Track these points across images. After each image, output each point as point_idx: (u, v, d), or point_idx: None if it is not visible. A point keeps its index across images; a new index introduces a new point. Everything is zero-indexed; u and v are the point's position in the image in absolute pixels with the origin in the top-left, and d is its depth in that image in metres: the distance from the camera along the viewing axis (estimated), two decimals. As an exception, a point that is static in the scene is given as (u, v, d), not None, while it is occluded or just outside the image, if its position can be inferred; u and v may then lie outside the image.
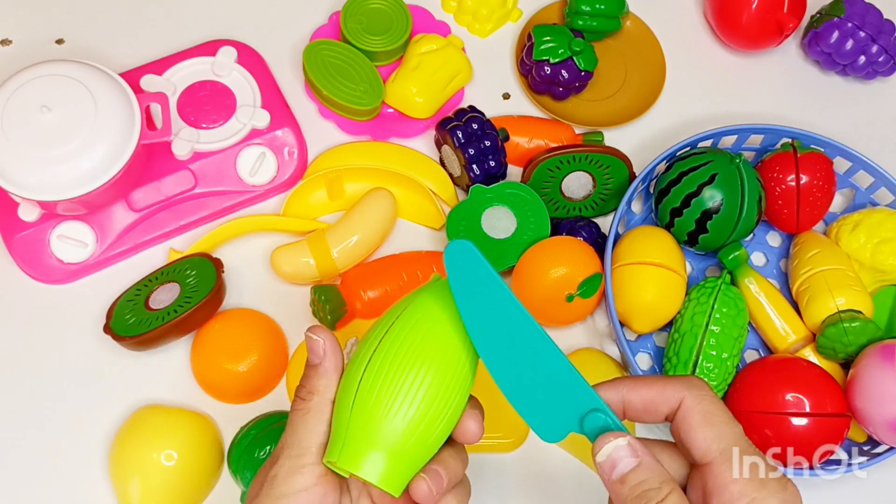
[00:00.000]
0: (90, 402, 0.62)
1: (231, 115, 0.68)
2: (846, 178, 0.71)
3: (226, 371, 0.62)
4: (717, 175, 0.63)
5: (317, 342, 0.42)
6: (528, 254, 0.64)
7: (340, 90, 0.69)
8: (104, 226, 0.65)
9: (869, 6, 0.74)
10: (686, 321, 0.62)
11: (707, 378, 0.61)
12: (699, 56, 0.78)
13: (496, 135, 0.67)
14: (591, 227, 0.67)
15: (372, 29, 0.71)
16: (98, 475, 0.60)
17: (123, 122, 0.60)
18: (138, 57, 0.71)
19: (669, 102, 0.75)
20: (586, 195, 0.69)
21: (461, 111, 0.69)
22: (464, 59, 0.72)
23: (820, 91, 0.78)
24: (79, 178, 0.59)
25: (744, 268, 0.65)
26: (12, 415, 0.62)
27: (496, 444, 0.62)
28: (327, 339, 0.42)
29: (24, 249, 0.64)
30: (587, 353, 0.65)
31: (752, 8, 0.74)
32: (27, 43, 0.73)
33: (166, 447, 0.58)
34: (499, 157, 0.67)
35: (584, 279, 0.62)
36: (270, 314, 0.65)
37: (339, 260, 0.64)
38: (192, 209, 0.67)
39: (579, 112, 0.73)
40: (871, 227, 0.65)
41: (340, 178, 0.68)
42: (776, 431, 0.58)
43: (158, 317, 0.60)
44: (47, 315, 0.65)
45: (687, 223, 0.64)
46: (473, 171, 0.66)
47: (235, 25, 0.74)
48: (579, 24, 0.73)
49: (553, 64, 0.70)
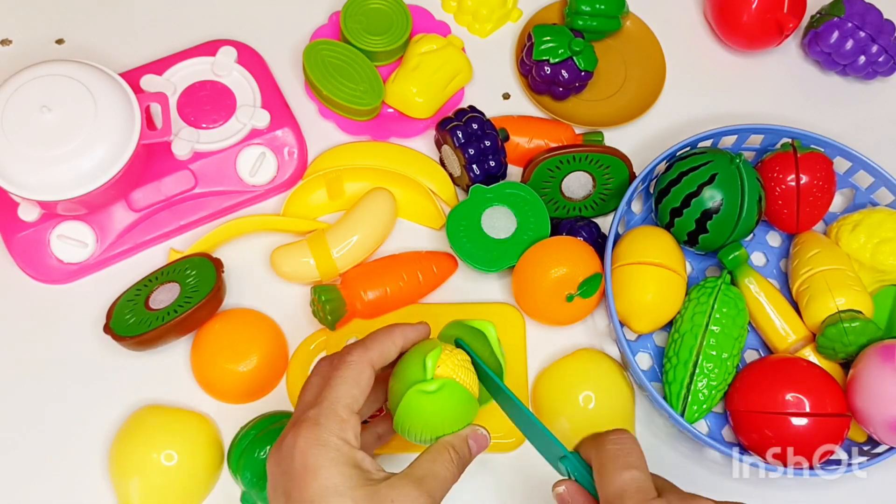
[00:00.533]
0: (90, 402, 0.62)
1: (231, 115, 0.68)
2: (846, 178, 0.71)
3: (226, 371, 0.62)
4: (717, 175, 0.63)
5: None
6: (528, 254, 0.64)
7: (340, 90, 0.69)
8: (104, 226, 0.65)
9: (869, 6, 0.74)
10: (686, 321, 0.62)
11: (707, 378, 0.61)
12: (699, 56, 0.78)
13: (496, 135, 0.67)
14: (592, 227, 0.67)
15: (372, 29, 0.71)
16: (98, 475, 0.60)
17: (123, 122, 0.60)
18: (138, 57, 0.71)
19: (669, 102, 0.75)
20: (586, 195, 0.69)
21: (461, 111, 0.69)
22: (464, 59, 0.72)
23: (820, 91, 0.78)
24: (79, 178, 0.59)
25: (744, 268, 0.65)
26: (12, 415, 0.62)
27: (497, 445, 0.62)
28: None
29: (24, 249, 0.64)
30: (587, 353, 0.65)
31: (752, 8, 0.74)
32: (27, 43, 0.73)
33: (166, 447, 0.58)
34: (499, 157, 0.67)
35: (584, 279, 0.62)
36: (270, 314, 0.65)
37: (339, 260, 0.64)
38: (192, 209, 0.67)
39: (579, 112, 0.74)
40: (871, 227, 0.65)
41: (340, 178, 0.68)
42: (776, 431, 0.58)
43: (158, 317, 0.60)
44: (47, 315, 0.65)
45: (687, 223, 0.64)
46: (473, 171, 0.66)
47: (235, 25, 0.74)
48: (579, 24, 0.73)
49: (553, 64, 0.70)
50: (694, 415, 0.61)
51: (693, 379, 0.61)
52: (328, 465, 0.44)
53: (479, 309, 0.66)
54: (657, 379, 0.65)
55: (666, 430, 0.64)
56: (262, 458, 0.57)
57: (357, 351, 0.49)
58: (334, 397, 0.47)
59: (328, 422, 0.46)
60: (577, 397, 0.62)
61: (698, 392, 0.61)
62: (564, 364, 0.64)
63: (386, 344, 0.50)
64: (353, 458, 0.45)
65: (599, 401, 0.62)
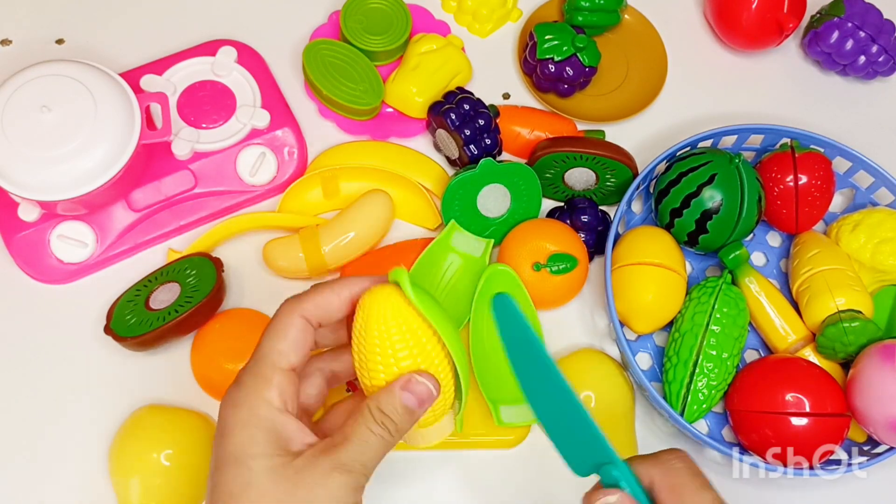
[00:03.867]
0: (90, 403, 0.62)
1: (231, 114, 0.68)
2: (846, 178, 0.71)
3: (226, 371, 0.62)
4: (716, 175, 0.63)
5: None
6: (514, 230, 0.66)
7: (340, 90, 0.69)
8: (104, 226, 0.65)
9: (869, 6, 0.74)
10: (687, 321, 0.62)
11: (707, 378, 0.61)
12: (699, 56, 0.78)
13: (488, 113, 0.68)
14: (596, 210, 0.68)
15: (372, 28, 0.71)
16: (98, 475, 0.60)
17: (123, 122, 0.60)
18: (138, 57, 0.71)
19: (669, 102, 0.75)
20: (587, 189, 0.70)
21: (450, 93, 0.69)
22: (463, 59, 0.72)
23: (820, 91, 0.78)
24: (79, 178, 0.59)
25: (744, 267, 0.65)
26: (12, 415, 0.62)
27: (497, 441, 0.62)
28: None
29: (24, 249, 0.64)
30: (587, 353, 0.65)
31: (752, 8, 0.74)
32: (27, 43, 0.73)
33: (166, 447, 0.58)
34: (494, 134, 0.68)
35: (556, 253, 0.63)
36: (270, 314, 0.64)
37: (328, 255, 0.64)
38: (192, 209, 0.67)
39: (584, 108, 0.74)
40: (872, 227, 0.65)
41: (336, 177, 0.68)
42: (776, 431, 0.58)
43: (159, 317, 0.60)
44: (47, 315, 0.65)
45: (687, 223, 0.64)
46: (471, 151, 0.67)
47: (235, 25, 0.74)
48: (579, 19, 0.74)
49: (557, 62, 0.70)
50: (693, 414, 0.61)
51: (693, 378, 0.61)
52: (237, 427, 0.41)
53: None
54: (657, 379, 0.65)
55: (666, 430, 0.64)
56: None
57: (288, 302, 0.45)
58: (258, 354, 0.43)
59: (247, 378, 0.42)
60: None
61: (698, 392, 0.61)
62: (564, 364, 0.64)
63: (325, 294, 0.44)
64: (269, 420, 0.41)
65: (600, 401, 0.62)
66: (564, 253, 0.64)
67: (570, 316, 0.67)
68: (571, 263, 0.64)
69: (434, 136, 0.71)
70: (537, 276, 0.64)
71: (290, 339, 0.43)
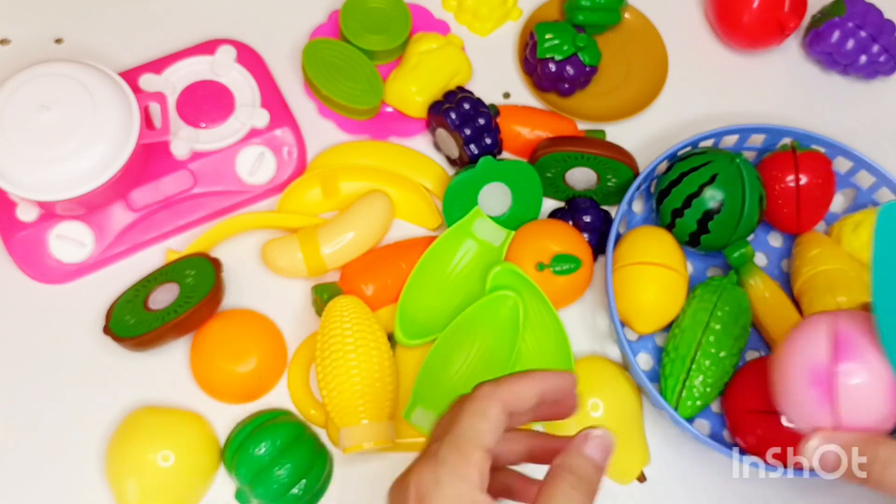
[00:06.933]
0: (89, 403, 0.62)
1: (230, 114, 0.68)
2: (847, 178, 0.71)
3: (225, 371, 0.62)
4: (717, 175, 0.63)
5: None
6: (517, 231, 0.66)
7: (340, 89, 0.69)
8: (103, 226, 0.65)
9: (870, 6, 0.74)
10: (688, 317, 0.62)
11: (703, 375, 0.61)
12: (700, 55, 0.78)
13: (489, 112, 0.68)
14: (598, 210, 0.68)
15: (371, 28, 0.71)
16: (95, 476, 0.60)
17: (122, 121, 0.60)
18: (137, 56, 0.70)
19: (670, 102, 0.75)
20: (588, 188, 0.69)
21: (451, 93, 0.69)
22: (463, 59, 0.72)
23: (821, 91, 0.78)
24: (77, 178, 0.58)
25: (749, 266, 0.65)
26: (10, 415, 0.62)
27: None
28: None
29: (22, 249, 0.64)
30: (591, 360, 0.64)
31: (752, 7, 0.74)
32: (26, 43, 0.73)
33: (162, 447, 0.58)
34: (494, 133, 0.68)
35: (561, 254, 0.63)
36: (269, 314, 0.65)
37: (327, 257, 0.64)
38: (191, 209, 0.67)
39: (585, 107, 0.73)
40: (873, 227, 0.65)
41: (335, 177, 0.68)
42: (776, 431, 0.58)
43: (158, 317, 0.60)
44: (46, 315, 0.65)
45: (688, 223, 0.64)
46: (471, 150, 0.67)
47: (234, 24, 0.74)
48: (580, 18, 0.73)
49: (558, 61, 0.70)
50: (687, 409, 0.61)
51: (689, 374, 0.61)
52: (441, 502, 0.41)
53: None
54: (658, 380, 0.65)
55: (669, 432, 0.64)
56: (257, 455, 0.57)
57: (487, 386, 0.45)
58: (458, 431, 0.43)
59: (448, 455, 0.42)
60: (585, 405, 0.61)
61: (693, 388, 0.61)
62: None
63: (520, 384, 0.45)
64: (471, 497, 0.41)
65: (607, 407, 0.61)
66: (568, 254, 0.63)
67: (572, 316, 0.67)
68: (575, 264, 0.63)
69: (434, 135, 0.71)
70: (540, 277, 0.63)
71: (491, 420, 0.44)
